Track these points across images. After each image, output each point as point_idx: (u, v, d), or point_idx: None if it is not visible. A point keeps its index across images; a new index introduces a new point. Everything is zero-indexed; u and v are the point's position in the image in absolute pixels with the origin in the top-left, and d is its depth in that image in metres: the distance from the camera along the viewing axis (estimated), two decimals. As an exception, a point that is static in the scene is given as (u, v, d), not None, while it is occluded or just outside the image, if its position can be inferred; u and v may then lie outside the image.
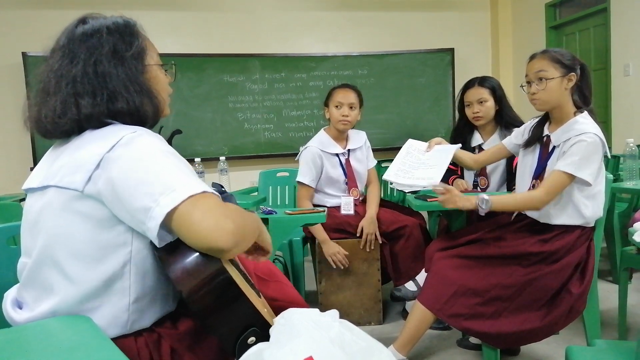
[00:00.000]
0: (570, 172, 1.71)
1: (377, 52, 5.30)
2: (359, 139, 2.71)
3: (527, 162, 1.94)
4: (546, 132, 1.89)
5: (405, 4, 5.50)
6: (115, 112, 0.99)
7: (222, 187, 1.49)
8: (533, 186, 1.87)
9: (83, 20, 1.04)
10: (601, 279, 2.83)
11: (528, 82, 1.86)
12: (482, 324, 1.76)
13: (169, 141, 1.03)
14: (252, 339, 0.90)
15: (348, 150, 2.66)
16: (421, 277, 2.27)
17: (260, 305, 0.97)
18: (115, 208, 0.92)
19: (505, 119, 2.48)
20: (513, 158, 2.22)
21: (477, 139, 2.55)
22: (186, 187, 0.88)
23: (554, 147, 1.83)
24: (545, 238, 1.81)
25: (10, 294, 1.06)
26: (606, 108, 4.42)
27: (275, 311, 1.04)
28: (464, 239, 1.99)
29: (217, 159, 2.97)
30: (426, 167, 1.96)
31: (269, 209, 2.13)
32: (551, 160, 1.82)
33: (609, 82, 4.40)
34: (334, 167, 2.61)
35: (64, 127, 0.98)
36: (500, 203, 1.81)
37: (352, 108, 2.57)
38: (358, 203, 2.63)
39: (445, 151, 2.00)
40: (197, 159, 3.06)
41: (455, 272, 1.83)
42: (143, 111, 1.02)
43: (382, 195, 3.18)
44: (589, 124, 1.75)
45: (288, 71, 5.11)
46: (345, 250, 2.44)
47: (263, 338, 0.90)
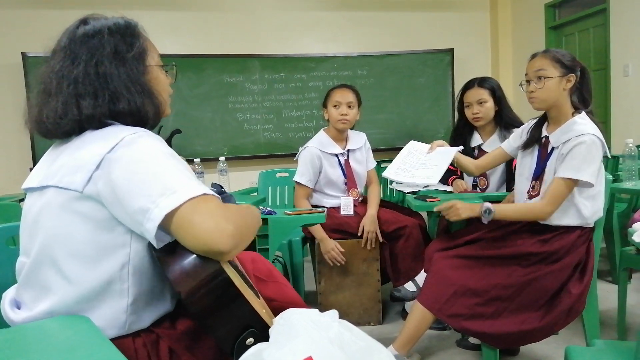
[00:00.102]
0: (570, 177, 1.71)
1: (377, 53, 5.29)
2: (359, 140, 2.71)
3: (526, 164, 1.94)
4: (545, 133, 1.90)
5: (405, 4, 5.50)
6: (116, 113, 0.99)
7: (222, 188, 1.49)
8: (532, 187, 1.88)
9: (84, 21, 1.04)
10: (600, 279, 2.83)
11: (527, 81, 1.86)
12: (482, 324, 1.76)
13: (169, 141, 1.03)
14: (251, 340, 0.90)
15: (347, 150, 2.65)
16: (421, 278, 2.27)
17: (258, 306, 0.97)
18: (114, 209, 0.91)
19: (504, 120, 2.48)
20: (513, 159, 2.22)
21: (477, 140, 2.55)
22: (186, 189, 0.87)
23: (553, 148, 1.83)
24: (544, 238, 1.81)
25: (8, 294, 1.06)
26: (605, 108, 4.42)
27: (274, 312, 1.04)
28: (464, 239, 1.99)
29: (217, 159, 2.96)
30: (426, 167, 1.97)
31: (269, 210, 2.13)
32: (550, 161, 1.83)
33: (609, 83, 4.40)
34: (333, 168, 2.61)
35: (65, 128, 0.98)
36: (503, 213, 1.82)
37: (351, 107, 2.56)
38: (357, 204, 2.63)
39: (446, 152, 2.00)
40: (197, 159, 3.06)
41: (454, 272, 1.83)
42: (144, 112, 1.02)
43: (382, 195, 3.18)
44: (588, 125, 1.75)
45: (288, 71, 5.10)
46: (344, 251, 2.44)
47: (261, 339, 0.89)
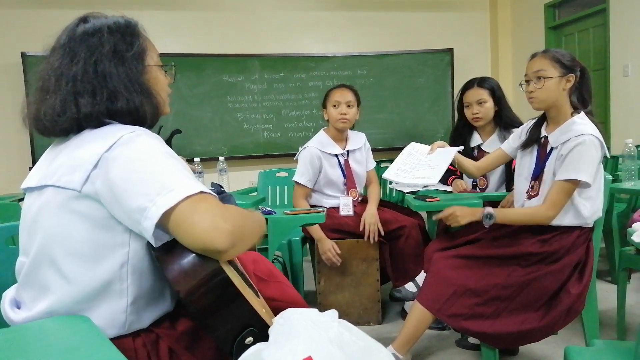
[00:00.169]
0: (570, 179, 1.71)
1: (377, 52, 5.29)
2: (359, 140, 2.71)
3: (525, 164, 1.94)
4: (544, 134, 1.89)
5: (404, 4, 5.50)
6: (114, 112, 0.99)
7: (221, 187, 1.50)
8: (531, 187, 1.88)
9: (84, 19, 1.04)
10: (600, 279, 2.83)
11: (527, 81, 1.86)
12: (481, 324, 1.76)
13: (169, 140, 1.03)
14: (250, 339, 0.90)
15: (347, 151, 2.65)
16: (421, 278, 2.26)
17: (258, 305, 0.97)
18: (112, 208, 0.91)
19: (504, 120, 2.48)
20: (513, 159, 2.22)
21: (477, 140, 2.55)
22: (184, 188, 0.88)
23: (552, 148, 1.83)
24: (544, 238, 1.81)
25: (8, 294, 1.05)
26: (605, 108, 4.42)
27: (274, 311, 1.04)
28: (463, 239, 1.99)
29: (216, 159, 2.96)
30: (426, 168, 1.97)
31: (268, 209, 2.13)
32: (549, 161, 1.82)
33: (608, 83, 4.40)
34: (333, 168, 2.61)
35: (63, 126, 0.98)
36: (504, 217, 1.82)
37: (350, 106, 2.56)
38: (357, 204, 2.63)
39: (446, 152, 2.01)
40: (197, 159, 3.06)
41: (454, 272, 1.83)
42: (142, 111, 1.02)
43: (382, 195, 3.18)
44: (587, 125, 1.75)
45: (287, 71, 5.10)
46: (343, 251, 2.43)
47: (261, 338, 0.89)
